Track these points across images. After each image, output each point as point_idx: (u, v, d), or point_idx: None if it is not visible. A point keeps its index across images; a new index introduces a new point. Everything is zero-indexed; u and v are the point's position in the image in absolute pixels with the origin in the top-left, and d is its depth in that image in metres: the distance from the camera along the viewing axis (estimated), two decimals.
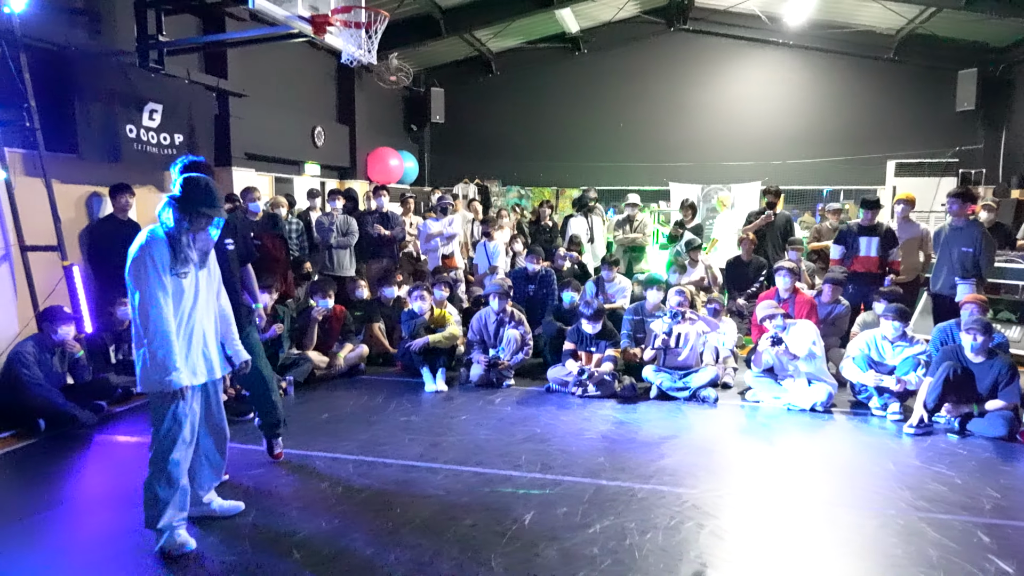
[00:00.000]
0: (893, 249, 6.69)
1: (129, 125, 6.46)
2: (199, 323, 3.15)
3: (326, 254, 7.86)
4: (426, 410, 5.39)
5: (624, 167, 12.94)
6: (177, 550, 3.07)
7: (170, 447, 3.06)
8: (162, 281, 2.95)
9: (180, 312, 3.05)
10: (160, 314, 2.94)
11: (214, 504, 3.45)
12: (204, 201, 3.03)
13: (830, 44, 12.01)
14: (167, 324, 2.95)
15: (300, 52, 9.77)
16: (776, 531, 3.38)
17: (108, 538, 3.28)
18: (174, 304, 3.01)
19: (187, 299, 3.08)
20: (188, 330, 3.10)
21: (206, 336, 3.21)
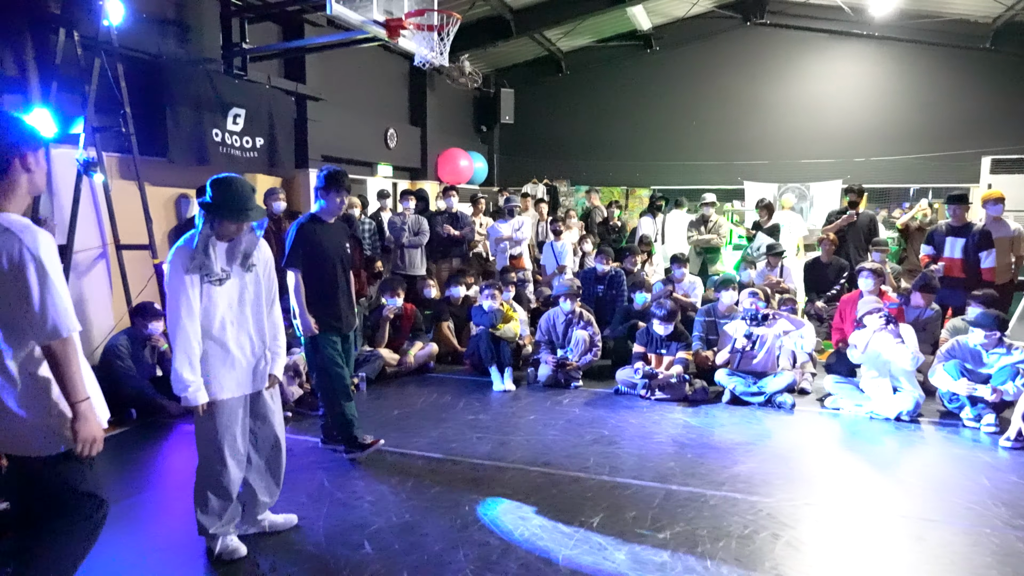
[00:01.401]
0: (983, 252, 6.28)
1: (215, 129, 6.76)
2: (240, 332, 2.99)
3: (398, 253, 8.03)
4: (494, 409, 5.42)
5: (696, 166, 12.66)
6: (229, 556, 3.05)
7: (214, 459, 2.99)
8: (188, 290, 2.83)
9: (215, 320, 2.91)
10: (183, 326, 2.83)
11: (266, 521, 3.31)
12: (229, 208, 2.87)
13: (919, 35, 11.38)
14: (189, 336, 2.84)
15: (374, 56, 10.00)
16: (857, 545, 3.22)
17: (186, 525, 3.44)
18: (208, 312, 2.89)
19: (223, 307, 2.93)
20: (224, 339, 2.94)
21: (246, 345, 3.02)
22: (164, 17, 6.61)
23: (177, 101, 6.33)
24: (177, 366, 2.84)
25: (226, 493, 3.03)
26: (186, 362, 2.84)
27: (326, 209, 4.10)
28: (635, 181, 13.25)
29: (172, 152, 6.32)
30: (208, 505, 3.03)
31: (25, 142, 2.19)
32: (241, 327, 3.00)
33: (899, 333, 5.11)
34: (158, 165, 6.32)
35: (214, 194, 2.91)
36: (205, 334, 2.91)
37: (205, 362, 2.92)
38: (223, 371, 2.95)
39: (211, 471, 3.00)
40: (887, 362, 5.14)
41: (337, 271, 4.12)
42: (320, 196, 4.09)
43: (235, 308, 2.98)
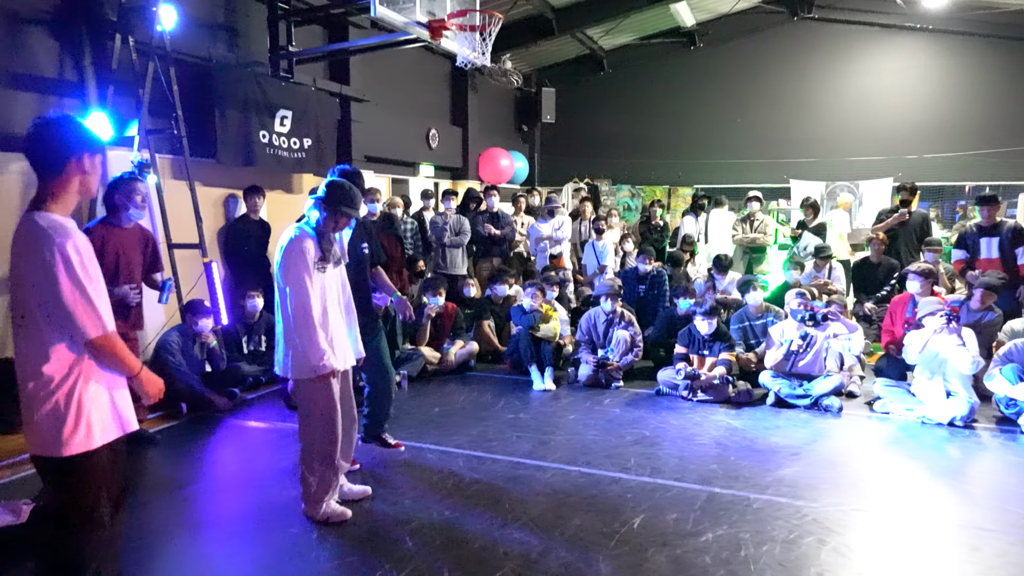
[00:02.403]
0: (1019, 249, 6.05)
1: (262, 131, 6.91)
2: (336, 314, 3.36)
3: (439, 252, 8.09)
4: (534, 408, 5.42)
5: (741, 164, 12.44)
6: (338, 518, 3.34)
7: (325, 428, 3.30)
8: (312, 272, 3.18)
9: (325, 302, 3.27)
10: (312, 304, 3.16)
11: (345, 487, 3.62)
12: (345, 201, 3.27)
13: (976, 27, 10.96)
14: (317, 313, 3.18)
15: (416, 57, 10.09)
16: (908, 554, 3.13)
17: (238, 515, 3.54)
18: (319, 296, 3.24)
19: (327, 291, 3.30)
20: (328, 320, 3.30)
21: (340, 326, 3.40)
22: (214, 22, 6.80)
23: (226, 103, 6.49)
24: (314, 337, 3.15)
25: (332, 460, 3.35)
26: (319, 334, 3.17)
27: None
28: (678, 180, 13.08)
29: (221, 153, 6.49)
30: (316, 474, 3.32)
31: (82, 144, 2.24)
32: (338, 309, 3.40)
33: (961, 335, 4.93)
34: (207, 166, 6.49)
35: (333, 191, 3.28)
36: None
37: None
38: (333, 346, 3.27)
39: (321, 440, 3.31)
40: (943, 364, 4.97)
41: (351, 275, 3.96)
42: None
43: (334, 293, 3.36)
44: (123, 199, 4.24)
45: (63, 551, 2.28)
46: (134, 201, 4.26)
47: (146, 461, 4.36)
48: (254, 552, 3.15)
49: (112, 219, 4.28)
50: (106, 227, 4.23)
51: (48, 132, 2.20)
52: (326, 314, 3.29)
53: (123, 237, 4.27)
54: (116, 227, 4.26)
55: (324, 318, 3.28)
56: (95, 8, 5.61)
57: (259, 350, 6.03)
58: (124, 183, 4.28)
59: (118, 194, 4.25)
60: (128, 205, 4.25)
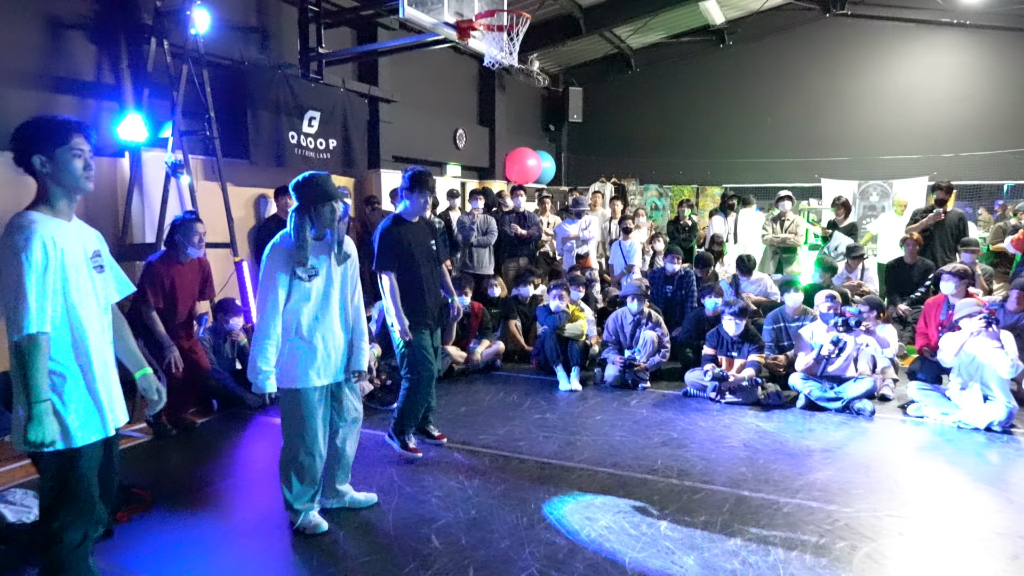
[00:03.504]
0: None
1: (291, 132, 7.01)
2: (325, 325, 3.21)
3: (466, 252, 8.11)
4: (561, 408, 5.41)
5: (771, 163, 12.28)
6: (312, 530, 3.26)
7: (299, 441, 3.22)
8: (278, 287, 3.07)
9: (307, 313, 3.15)
10: (267, 318, 3.07)
11: (348, 496, 3.55)
12: (316, 196, 3.12)
13: (1014, 21, 10.68)
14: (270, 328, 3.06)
15: (444, 57, 10.14)
16: (945, 561, 3.05)
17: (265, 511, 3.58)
18: (297, 308, 3.13)
19: (311, 302, 3.16)
20: (311, 333, 3.17)
21: (330, 339, 3.23)
22: (246, 25, 6.91)
23: (257, 105, 6.60)
24: (255, 353, 3.08)
25: (307, 474, 3.28)
26: (263, 351, 3.07)
27: (409, 210, 4.12)
28: (706, 179, 12.96)
29: (253, 154, 6.59)
30: (292, 484, 3.28)
31: (35, 145, 2.20)
32: (327, 321, 3.23)
33: (999, 337, 4.81)
34: (239, 166, 6.60)
35: (300, 192, 3.15)
36: (295, 328, 3.16)
37: (292, 353, 3.16)
38: (309, 362, 3.17)
39: (295, 454, 3.24)
40: (981, 368, 4.84)
41: (424, 270, 4.14)
42: (404, 196, 4.12)
43: (321, 303, 3.21)
44: (183, 239, 4.64)
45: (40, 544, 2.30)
46: (192, 241, 4.64)
47: (178, 456, 4.45)
48: (280, 550, 3.19)
49: (172, 254, 4.68)
50: (166, 263, 4.65)
51: (16, 135, 2.22)
52: (320, 323, 3.19)
53: (182, 271, 4.70)
54: (176, 262, 4.67)
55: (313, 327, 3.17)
56: (132, 12, 5.74)
57: None
58: (185, 224, 4.66)
59: (178, 234, 4.64)
60: (187, 244, 4.64)
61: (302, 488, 3.28)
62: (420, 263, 4.12)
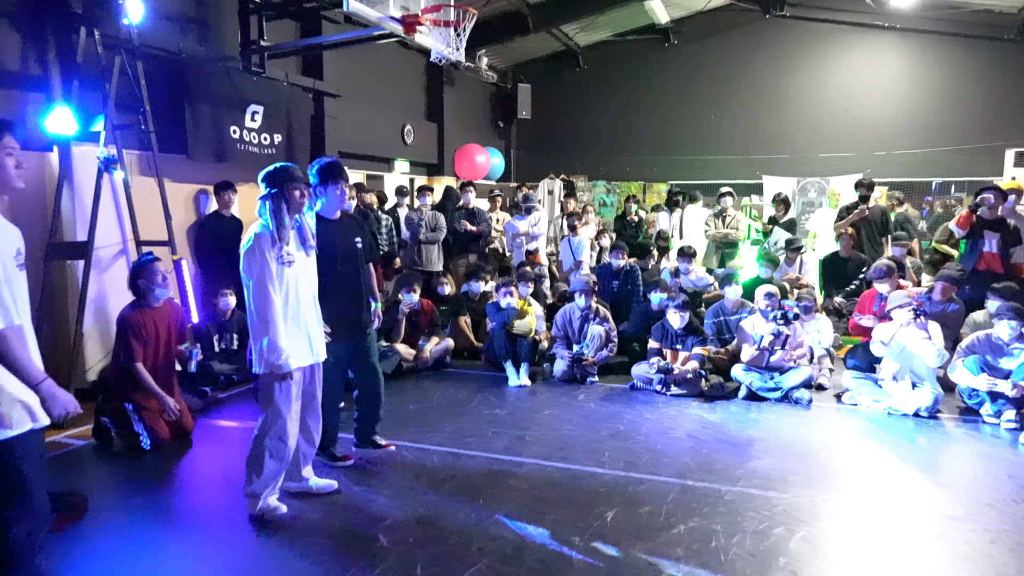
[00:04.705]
0: (1015, 248, 6.15)
1: (233, 126, 6.82)
2: (304, 310, 3.35)
3: (415, 249, 8.06)
4: (511, 404, 5.43)
5: (715, 160, 12.56)
6: (271, 514, 3.34)
7: (279, 424, 3.30)
8: (271, 271, 3.19)
9: (290, 298, 3.28)
10: (271, 301, 3.18)
11: (311, 481, 3.66)
12: (286, 178, 3.27)
13: (943, 26, 11.18)
14: (278, 310, 3.19)
15: (391, 52, 10.03)
16: (874, 542, 3.20)
17: (208, 516, 3.50)
18: (284, 291, 3.25)
19: (294, 287, 3.30)
20: (295, 316, 3.30)
21: (311, 320, 3.41)
22: (183, 15, 6.69)
23: (196, 98, 6.40)
24: (274, 336, 3.17)
25: (283, 457, 3.35)
26: (280, 333, 3.18)
27: (328, 204, 3.85)
28: (653, 176, 13.17)
29: (191, 149, 6.39)
30: (264, 469, 3.31)
31: None
32: (304, 305, 3.36)
33: (927, 328, 5.04)
34: (177, 162, 6.39)
35: (273, 178, 3.28)
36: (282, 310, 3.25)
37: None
38: (292, 346, 3.26)
39: (274, 436, 3.30)
40: (910, 357, 5.07)
41: (345, 270, 3.88)
42: (318, 192, 3.82)
43: (300, 288, 3.34)
44: (146, 283, 4.53)
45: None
46: (155, 281, 4.53)
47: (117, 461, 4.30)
48: (224, 553, 3.12)
49: (141, 302, 4.57)
50: (140, 311, 4.53)
51: None
52: (298, 308, 3.32)
53: (157, 316, 4.59)
54: (149, 308, 4.56)
55: (295, 313, 3.30)
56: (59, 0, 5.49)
57: (231, 349, 5.95)
58: (143, 268, 4.55)
59: (140, 279, 4.52)
60: (152, 287, 4.53)
61: (271, 473, 3.32)
62: (339, 265, 3.85)
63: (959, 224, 6.27)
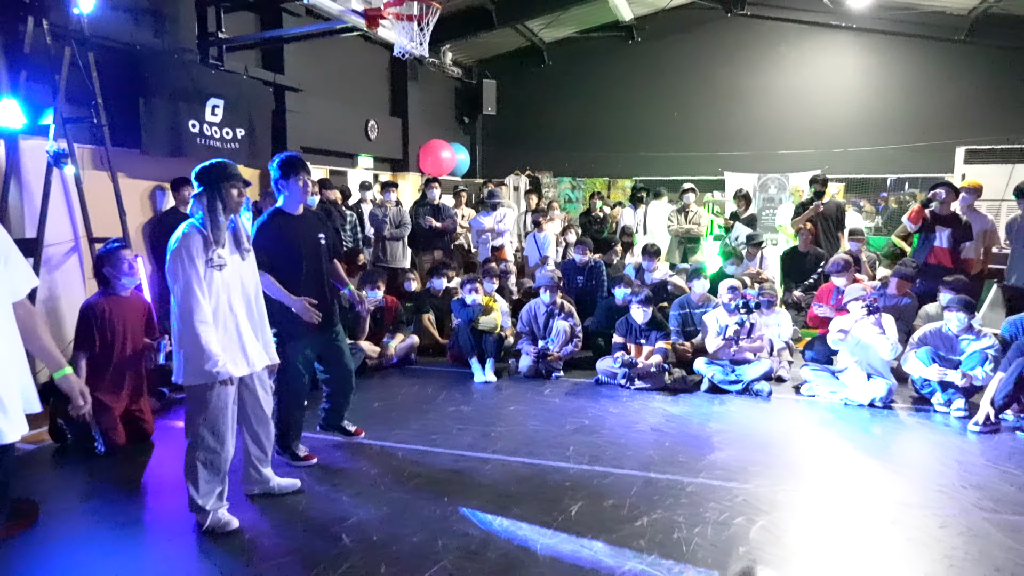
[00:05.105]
0: (965, 244, 6.35)
1: (192, 120, 6.67)
2: (238, 316, 3.17)
3: (379, 246, 7.99)
4: (476, 400, 5.42)
5: (678, 157, 12.70)
6: (222, 529, 3.19)
7: (211, 436, 3.13)
8: (199, 273, 2.99)
9: (220, 304, 3.08)
10: (200, 305, 2.97)
11: (273, 482, 3.58)
12: (222, 175, 3.12)
13: (896, 26, 11.48)
14: (207, 315, 2.99)
15: (354, 46, 9.91)
16: (831, 529, 3.28)
17: (166, 519, 3.42)
18: (213, 296, 3.05)
19: (224, 292, 3.10)
20: (227, 323, 3.11)
21: (244, 329, 3.20)
22: (137, 6, 6.50)
23: (151, 91, 6.23)
24: (204, 342, 2.96)
25: (218, 470, 3.18)
26: (212, 338, 2.99)
27: (291, 199, 3.82)
28: (618, 172, 13.26)
29: (146, 143, 6.22)
30: (200, 482, 3.15)
31: None
32: (239, 311, 3.18)
33: (881, 323, 5.18)
34: (132, 157, 6.22)
35: (207, 175, 3.13)
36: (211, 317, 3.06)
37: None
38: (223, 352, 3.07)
39: (205, 448, 3.14)
40: (866, 349, 5.21)
41: (309, 267, 3.86)
42: (281, 187, 3.81)
43: (233, 293, 3.15)
44: (111, 271, 4.39)
45: None
46: (122, 270, 4.39)
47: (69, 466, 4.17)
48: (185, 555, 3.06)
49: (109, 290, 4.44)
50: (107, 298, 4.40)
51: None
52: (229, 316, 3.12)
53: (125, 305, 4.46)
54: (115, 296, 4.44)
55: (224, 321, 3.09)
56: None
57: None
58: (109, 255, 4.41)
59: (105, 267, 4.38)
60: (118, 275, 4.40)
61: (209, 486, 3.18)
62: (304, 261, 3.83)
63: (910, 219, 6.45)
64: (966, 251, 6.37)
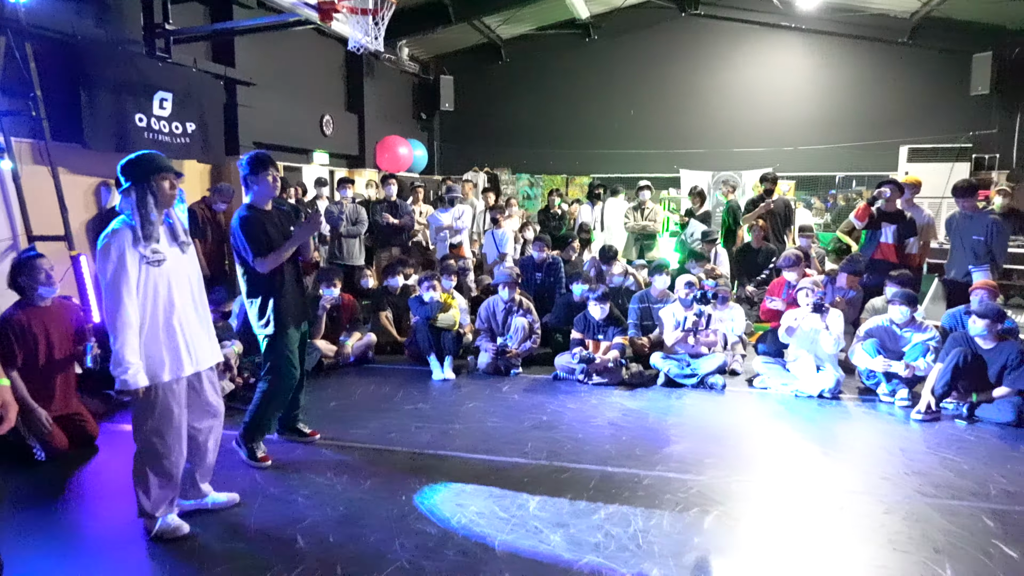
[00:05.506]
0: (910, 239, 6.57)
1: (139, 114, 6.46)
2: (179, 313, 3.04)
3: (335, 243, 7.88)
4: (434, 398, 5.40)
5: (635, 154, 12.85)
6: (172, 534, 3.09)
7: (155, 442, 3.03)
8: (129, 271, 2.86)
9: (160, 301, 2.97)
10: (125, 307, 2.84)
11: (208, 498, 3.41)
12: (151, 167, 2.97)
13: (843, 28, 11.82)
14: (132, 317, 2.86)
15: (308, 40, 9.73)
16: (782, 517, 3.36)
17: (114, 525, 3.32)
18: (150, 294, 2.93)
19: (165, 287, 2.99)
20: (167, 321, 3.00)
21: (188, 327, 3.09)
22: None
23: (93, 84, 6.01)
24: (119, 348, 2.83)
25: (169, 475, 3.09)
26: (127, 344, 2.84)
27: (261, 193, 3.83)
28: (575, 169, 13.35)
29: (89, 137, 6.00)
30: (150, 488, 3.06)
31: None
32: (182, 308, 3.06)
33: (826, 319, 5.33)
34: (75, 152, 6.00)
35: (135, 168, 2.97)
36: (149, 316, 2.95)
37: (149, 344, 2.95)
38: (166, 352, 2.99)
39: (154, 453, 3.04)
40: (815, 342, 5.36)
41: (287, 261, 3.88)
42: (250, 183, 3.82)
43: (175, 290, 3.03)
44: (27, 281, 4.17)
45: None
46: (38, 279, 4.16)
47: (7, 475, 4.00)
48: (135, 561, 2.97)
49: (26, 301, 4.22)
50: (25, 310, 4.19)
51: None
52: (172, 312, 3.00)
53: (46, 315, 4.25)
54: (35, 307, 4.22)
55: (167, 317, 2.99)
56: None
57: None
58: (23, 265, 4.18)
59: (21, 277, 4.16)
60: (35, 286, 4.16)
61: (161, 492, 3.08)
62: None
63: (857, 216, 6.65)
64: (910, 246, 6.60)
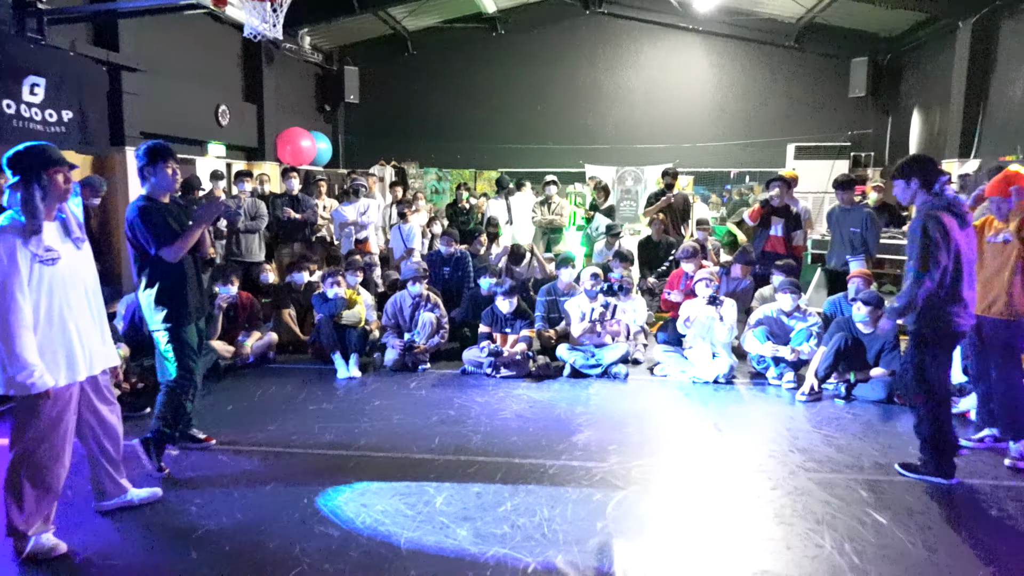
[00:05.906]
0: (796, 232, 6.99)
1: (7, 100, 5.94)
2: (74, 314, 2.90)
3: (233, 239, 7.55)
4: (339, 397, 5.28)
5: (542, 149, 13.01)
6: (46, 554, 2.87)
7: (40, 450, 2.84)
8: (19, 272, 2.71)
9: (53, 302, 2.82)
10: (17, 307, 2.69)
11: (130, 494, 3.31)
12: (42, 160, 2.84)
13: (736, 30, 12.40)
14: (26, 318, 2.71)
15: (202, 25, 9.25)
16: (679, 498, 3.52)
17: None
18: (43, 295, 2.78)
19: (60, 287, 2.84)
20: (62, 322, 2.85)
21: (83, 329, 2.94)
22: None
23: None
24: (18, 350, 2.68)
25: (48, 488, 2.89)
26: (27, 345, 2.70)
27: (159, 185, 3.64)
28: (483, 163, 13.36)
29: None
30: (25, 502, 2.84)
31: None
32: (77, 307, 2.92)
33: (720, 311, 5.59)
34: None
35: (22, 161, 2.83)
36: (44, 318, 2.80)
37: (43, 347, 2.79)
38: (61, 356, 2.84)
39: (35, 464, 2.84)
40: (710, 331, 5.62)
41: (187, 256, 3.73)
42: (147, 174, 3.63)
43: (69, 288, 2.89)
44: None
45: None
46: None
47: None
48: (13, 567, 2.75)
49: None
50: None
51: None
52: (66, 312, 2.85)
53: None
54: None
55: (60, 318, 2.83)
56: None
57: None
58: None
59: None
60: None
61: (38, 506, 2.86)
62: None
63: (751, 217, 7.05)
64: (796, 238, 7.03)
